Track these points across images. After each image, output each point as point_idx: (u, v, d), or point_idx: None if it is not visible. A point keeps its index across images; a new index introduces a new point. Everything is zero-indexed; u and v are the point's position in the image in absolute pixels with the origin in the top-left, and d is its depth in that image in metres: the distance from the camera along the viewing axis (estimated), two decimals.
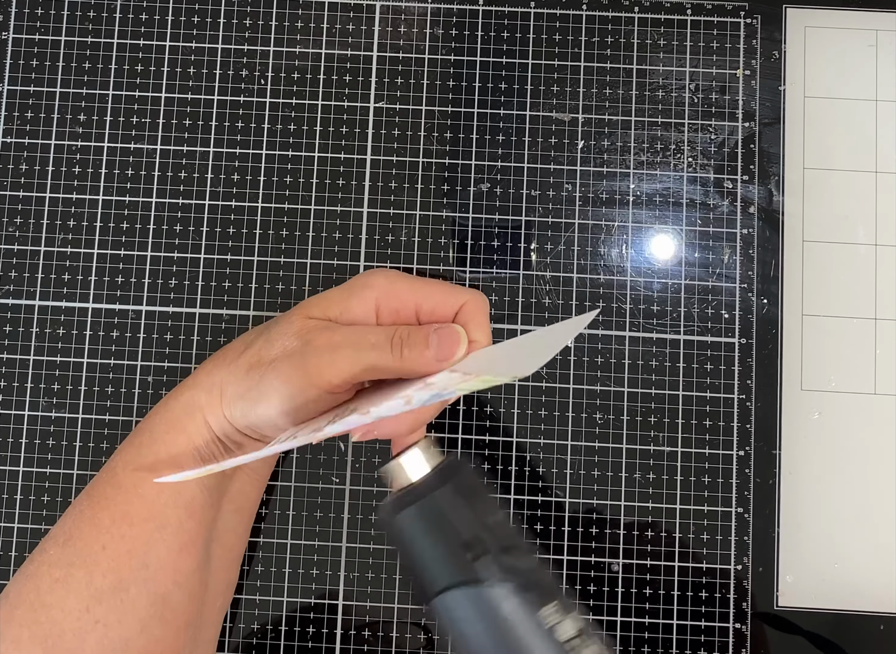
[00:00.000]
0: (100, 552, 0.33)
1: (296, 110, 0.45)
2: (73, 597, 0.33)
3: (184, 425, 0.35)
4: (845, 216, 0.44)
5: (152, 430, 0.35)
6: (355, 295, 0.34)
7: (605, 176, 0.44)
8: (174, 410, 0.35)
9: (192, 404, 0.35)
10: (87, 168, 0.44)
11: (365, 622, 0.41)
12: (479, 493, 0.31)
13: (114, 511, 0.34)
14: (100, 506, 0.34)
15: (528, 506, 0.42)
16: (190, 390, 0.35)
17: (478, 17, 0.45)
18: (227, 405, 0.34)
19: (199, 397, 0.35)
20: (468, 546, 0.30)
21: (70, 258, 0.44)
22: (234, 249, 0.44)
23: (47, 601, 0.33)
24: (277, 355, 0.33)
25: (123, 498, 0.34)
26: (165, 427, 0.35)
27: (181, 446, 0.34)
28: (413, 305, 0.34)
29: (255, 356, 0.34)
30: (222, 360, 0.35)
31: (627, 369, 0.43)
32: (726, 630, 0.41)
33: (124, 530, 0.34)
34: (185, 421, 0.35)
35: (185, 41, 0.45)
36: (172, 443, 0.34)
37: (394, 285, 0.34)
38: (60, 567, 0.33)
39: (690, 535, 0.42)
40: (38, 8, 0.45)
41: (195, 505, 0.35)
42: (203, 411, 0.34)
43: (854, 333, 0.43)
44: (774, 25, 0.45)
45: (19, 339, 0.43)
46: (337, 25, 0.45)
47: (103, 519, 0.34)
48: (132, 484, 0.34)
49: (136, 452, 0.35)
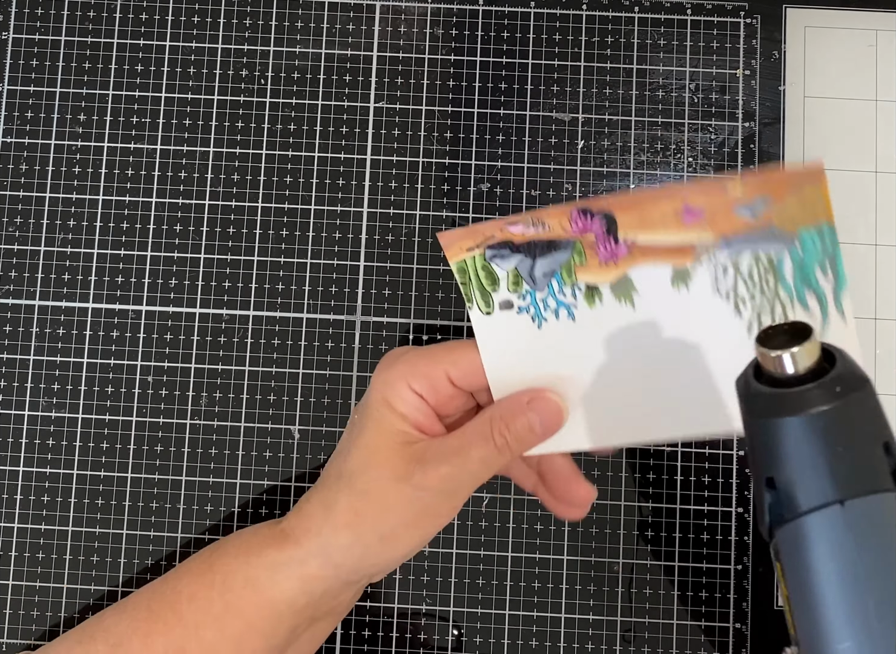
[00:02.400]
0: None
1: (296, 110, 0.45)
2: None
3: (265, 586, 0.33)
4: (845, 216, 0.44)
5: (226, 575, 0.33)
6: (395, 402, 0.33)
7: (605, 176, 0.44)
8: (256, 567, 0.33)
9: (280, 564, 0.33)
10: (87, 168, 0.44)
11: (365, 621, 0.41)
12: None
13: (168, 643, 0.33)
14: (156, 628, 0.33)
15: (528, 506, 0.42)
16: (278, 549, 0.33)
17: (478, 17, 0.45)
18: (338, 573, 0.33)
19: (293, 558, 0.33)
20: (888, 448, 0.25)
21: (70, 258, 0.44)
22: (234, 249, 0.44)
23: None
24: (394, 520, 0.32)
25: (182, 633, 0.33)
26: (242, 581, 0.33)
27: (259, 601, 0.33)
28: (443, 375, 0.33)
29: (369, 525, 0.32)
30: (313, 529, 0.33)
31: None
32: (726, 630, 0.41)
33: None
34: (266, 581, 0.33)
35: (185, 41, 0.45)
36: (248, 599, 0.33)
37: (415, 368, 0.33)
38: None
39: (690, 535, 0.42)
40: (38, 8, 0.45)
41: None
42: (298, 572, 0.33)
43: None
44: (774, 25, 0.45)
45: (19, 339, 0.43)
46: (337, 25, 0.45)
47: (156, 644, 0.33)
48: (194, 623, 0.33)
49: (207, 592, 0.33)
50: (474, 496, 0.42)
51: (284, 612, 0.33)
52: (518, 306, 0.33)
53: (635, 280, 0.32)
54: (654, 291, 0.32)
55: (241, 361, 0.43)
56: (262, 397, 0.43)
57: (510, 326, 0.34)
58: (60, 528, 0.42)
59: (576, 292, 0.33)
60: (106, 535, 0.42)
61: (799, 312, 0.31)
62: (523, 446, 0.32)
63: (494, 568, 0.42)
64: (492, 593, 0.41)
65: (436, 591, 0.42)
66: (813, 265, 0.31)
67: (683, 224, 0.31)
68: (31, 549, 0.42)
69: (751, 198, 0.30)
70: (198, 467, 0.42)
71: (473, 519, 0.42)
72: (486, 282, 0.34)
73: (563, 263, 0.33)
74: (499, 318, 0.34)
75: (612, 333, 0.33)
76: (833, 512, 0.25)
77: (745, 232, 0.31)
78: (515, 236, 0.33)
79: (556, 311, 0.33)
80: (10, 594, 0.42)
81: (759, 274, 0.31)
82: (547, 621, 0.41)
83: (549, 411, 0.32)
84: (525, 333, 0.34)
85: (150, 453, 0.43)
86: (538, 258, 0.33)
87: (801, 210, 0.30)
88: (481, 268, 0.34)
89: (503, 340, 0.34)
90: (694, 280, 0.32)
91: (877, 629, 0.24)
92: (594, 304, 0.33)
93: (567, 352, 0.33)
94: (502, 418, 0.31)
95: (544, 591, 0.41)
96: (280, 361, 0.43)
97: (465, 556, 0.42)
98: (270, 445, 0.43)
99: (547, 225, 0.33)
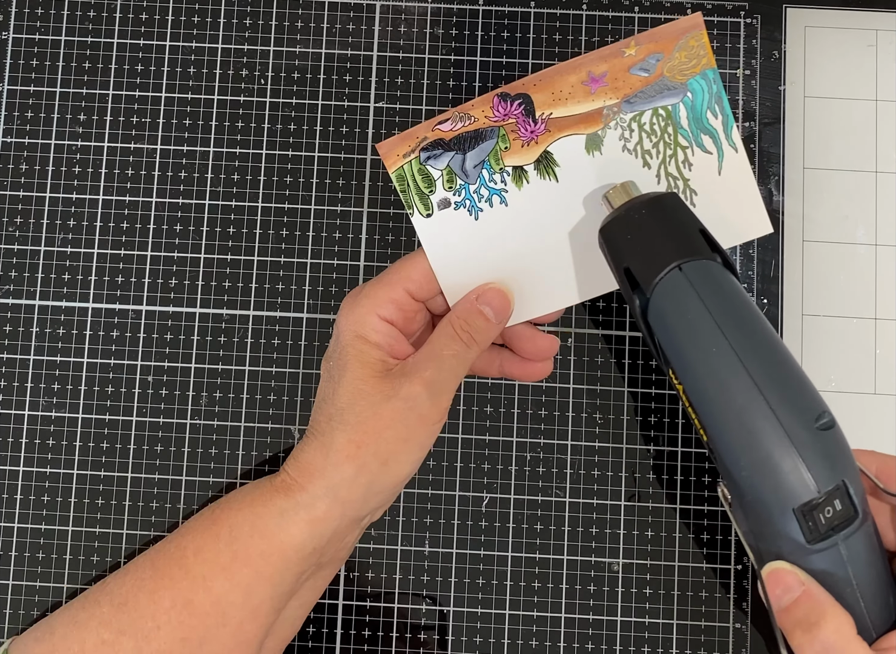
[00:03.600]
0: (153, 630, 0.33)
1: (296, 110, 0.45)
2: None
3: (273, 533, 0.34)
4: (845, 216, 0.44)
5: (232, 527, 0.34)
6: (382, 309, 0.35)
7: None
8: (263, 516, 0.34)
9: (288, 510, 0.34)
10: (87, 168, 0.44)
11: (365, 622, 0.42)
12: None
13: (176, 595, 0.33)
14: (162, 584, 0.34)
15: (528, 506, 0.42)
16: (284, 497, 0.34)
17: (478, 17, 0.45)
18: (344, 510, 0.34)
19: (300, 503, 0.34)
20: (704, 233, 0.33)
21: (70, 258, 0.44)
22: (234, 249, 0.44)
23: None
24: (392, 437, 0.34)
25: (189, 586, 0.33)
26: (249, 530, 0.34)
27: (267, 549, 0.34)
28: (404, 293, 0.36)
29: (359, 448, 0.34)
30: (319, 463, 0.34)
31: (627, 369, 0.43)
32: (726, 630, 0.41)
33: (183, 618, 0.33)
34: (275, 528, 0.34)
35: (185, 41, 0.45)
36: (255, 547, 0.34)
37: (378, 298, 0.35)
38: (110, 631, 0.33)
39: (690, 536, 0.42)
40: (38, 8, 0.45)
41: (262, 609, 0.34)
42: (306, 517, 0.34)
43: (854, 333, 0.43)
44: (774, 25, 0.45)
45: (19, 339, 0.43)
46: (337, 25, 0.45)
47: (164, 599, 0.33)
48: (202, 575, 0.33)
49: (213, 544, 0.34)
50: (474, 496, 0.42)
51: (292, 558, 0.34)
52: (454, 203, 0.37)
53: (555, 153, 0.36)
54: (572, 161, 0.36)
55: (241, 361, 0.43)
56: (262, 397, 0.43)
57: (450, 223, 0.37)
58: (60, 528, 0.42)
59: (504, 177, 0.36)
60: (106, 535, 0.42)
61: (699, 154, 0.36)
62: (486, 336, 0.35)
63: (494, 568, 0.42)
64: (492, 593, 0.41)
65: (436, 591, 0.42)
66: (703, 109, 0.35)
67: (590, 93, 0.35)
68: (31, 549, 0.42)
69: (643, 57, 0.35)
70: (198, 467, 0.42)
71: (473, 519, 0.42)
72: (423, 185, 0.36)
73: (490, 152, 0.36)
74: (438, 218, 0.37)
75: (541, 208, 0.36)
76: (675, 274, 0.32)
77: (643, 89, 0.35)
78: (446, 134, 0.36)
79: (490, 199, 0.36)
80: (10, 593, 0.42)
81: (660, 126, 0.36)
82: (547, 621, 0.41)
83: (498, 300, 0.35)
84: (465, 227, 0.37)
85: (150, 453, 0.43)
86: (468, 151, 0.36)
87: (687, 60, 0.35)
88: (418, 171, 0.36)
89: (446, 239, 0.36)
90: (605, 143, 0.36)
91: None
92: (522, 184, 0.36)
93: (505, 235, 0.37)
94: (460, 318, 0.35)
95: (544, 591, 0.41)
96: (280, 361, 0.43)
97: (465, 556, 0.42)
98: (270, 445, 0.43)
99: (472, 117, 0.36)
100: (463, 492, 0.42)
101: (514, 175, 0.36)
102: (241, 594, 0.33)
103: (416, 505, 0.42)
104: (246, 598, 0.33)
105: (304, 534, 0.34)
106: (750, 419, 0.30)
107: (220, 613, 0.33)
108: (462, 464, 0.42)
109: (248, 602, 0.33)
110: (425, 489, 0.42)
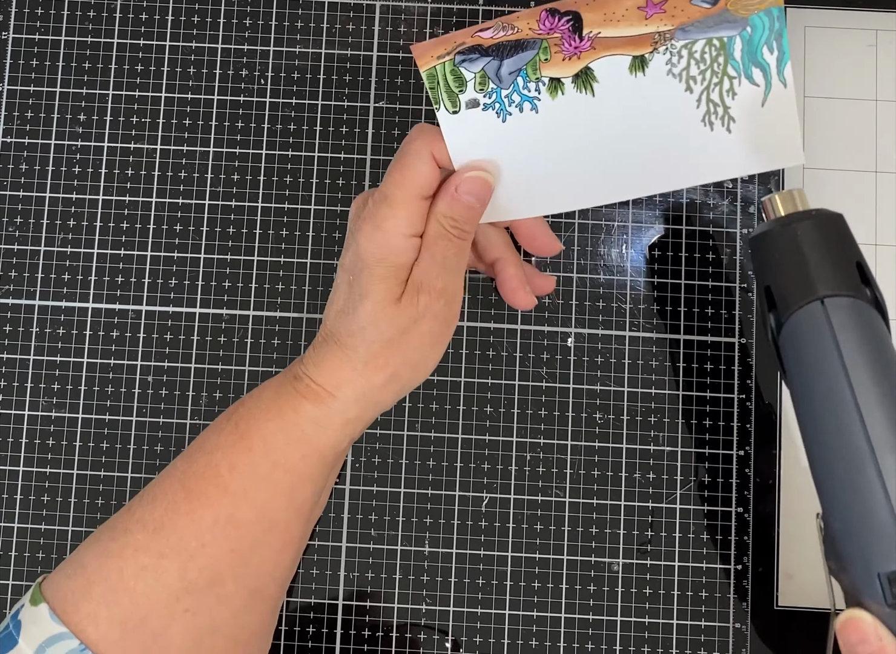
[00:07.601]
0: (198, 549, 0.33)
1: (296, 110, 0.45)
2: (163, 587, 0.32)
3: (310, 439, 0.34)
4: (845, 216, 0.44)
5: (265, 438, 0.34)
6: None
7: None
8: (298, 423, 0.34)
9: (321, 418, 0.35)
10: (87, 168, 0.44)
11: (365, 621, 0.42)
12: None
13: (218, 512, 0.33)
14: (199, 503, 0.33)
15: (528, 506, 0.42)
16: (314, 404, 0.35)
17: (478, 17, 0.45)
18: (376, 409, 0.36)
19: (333, 409, 0.35)
20: (860, 267, 0.32)
21: (70, 258, 0.44)
22: (234, 249, 0.44)
23: (131, 585, 0.32)
24: (419, 345, 0.35)
25: (231, 502, 0.33)
26: (285, 439, 0.34)
27: (306, 452, 0.34)
28: (431, 169, 0.35)
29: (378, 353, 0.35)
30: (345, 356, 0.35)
31: (627, 368, 0.43)
32: (726, 630, 0.41)
33: (229, 531, 0.33)
34: (312, 434, 0.34)
35: (185, 41, 0.45)
36: (294, 453, 0.34)
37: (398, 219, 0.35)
38: (150, 556, 0.32)
39: (690, 535, 0.42)
40: (38, 8, 0.45)
41: (306, 507, 0.35)
42: (340, 420, 0.35)
43: None
44: None
45: (19, 339, 0.43)
46: (337, 25, 0.45)
47: (205, 518, 0.33)
48: (242, 490, 0.33)
49: (247, 458, 0.34)
50: (474, 496, 0.42)
51: (329, 455, 0.35)
52: (483, 104, 0.36)
53: (596, 70, 0.35)
54: (613, 78, 0.35)
55: (241, 361, 0.43)
56: None
57: (476, 123, 0.36)
58: (60, 528, 0.42)
59: (539, 87, 0.35)
60: None
61: (745, 85, 0.34)
62: (474, 221, 0.36)
63: (494, 568, 0.42)
64: (492, 593, 0.41)
65: (436, 591, 0.42)
66: (760, 43, 0.34)
67: (645, 18, 0.34)
68: (31, 549, 0.42)
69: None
70: None
71: (473, 519, 0.42)
72: (454, 84, 0.36)
73: (528, 61, 0.35)
74: (465, 116, 0.36)
75: (572, 119, 0.36)
76: (815, 307, 0.31)
77: (701, 19, 0.34)
78: (485, 41, 0.35)
79: (521, 105, 0.36)
80: (9, 593, 0.42)
81: (711, 56, 0.34)
82: (547, 621, 0.41)
83: (476, 186, 0.35)
84: (490, 128, 0.36)
85: (150, 453, 0.43)
86: (505, 59, 0.35)
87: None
88: (450, 72, 0.36)
89: (470, 137, 0.36)
90: (650, 66, 0.35)
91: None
92: (556, 95, 0.35)
93: (531, 140, 0.36)
94: (444, 214, 0.35)
95: (544, 591, 0.41)
96: (280, 361, 0.43)
97: (465, 556, 0.42)
98: None
99: (516, 27, 0.35)
100: (463, 492, 0.42)
101: (549, 85, 0.35)
102: (285, 498, 0.34)
103: (416, 505, 0.42)
104: (290, 501, 0.34)
105: (338, 434, 0.35)
106: (856, 477, 0.29)
107: (268, 519, 0.34)
108: (462, 464, 0.42)
109: (293, 504, 0.34)
110: (425, 489, 0.42)
